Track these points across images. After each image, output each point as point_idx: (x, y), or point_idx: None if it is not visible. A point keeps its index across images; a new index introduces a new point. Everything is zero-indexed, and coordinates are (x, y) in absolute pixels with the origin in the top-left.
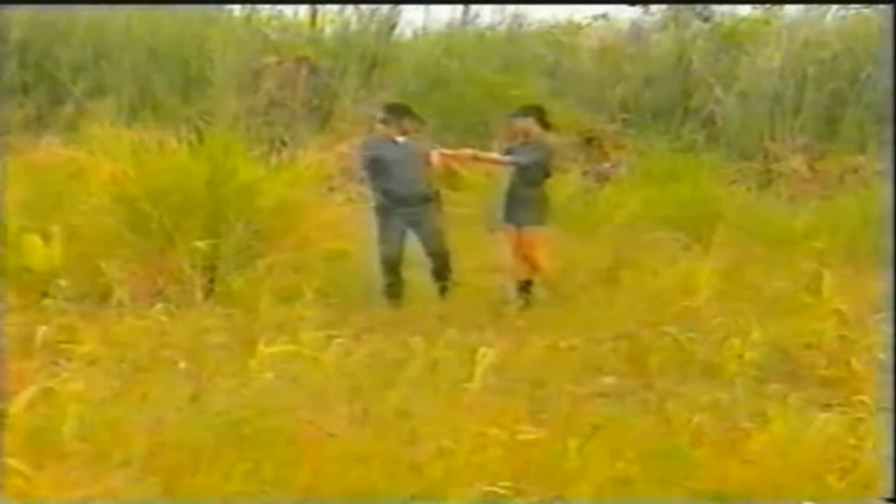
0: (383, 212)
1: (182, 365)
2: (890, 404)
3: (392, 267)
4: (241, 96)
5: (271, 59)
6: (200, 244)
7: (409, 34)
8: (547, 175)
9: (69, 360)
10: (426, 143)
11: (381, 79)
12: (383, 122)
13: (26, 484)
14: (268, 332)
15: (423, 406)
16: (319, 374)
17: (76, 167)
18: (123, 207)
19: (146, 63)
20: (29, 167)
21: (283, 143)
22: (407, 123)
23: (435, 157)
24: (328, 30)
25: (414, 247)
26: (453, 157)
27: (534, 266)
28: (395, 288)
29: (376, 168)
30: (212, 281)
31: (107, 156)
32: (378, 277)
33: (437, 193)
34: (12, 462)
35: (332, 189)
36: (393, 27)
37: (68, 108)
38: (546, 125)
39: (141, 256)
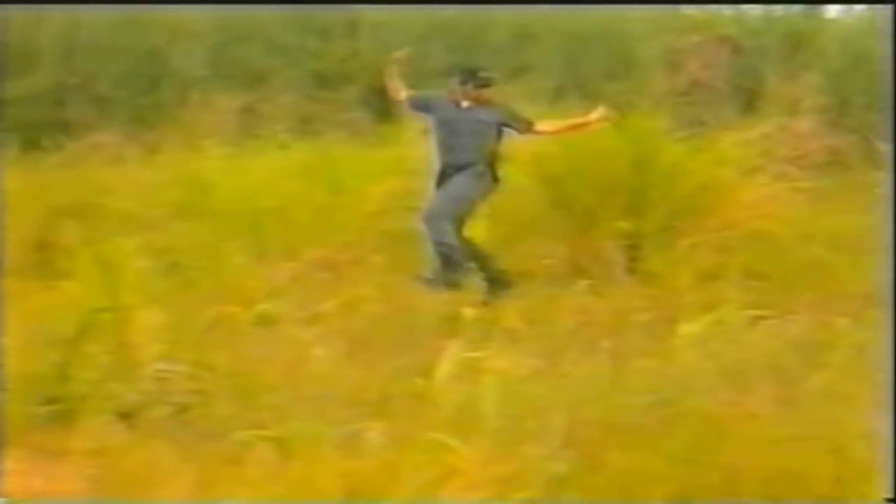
0: (439, 172)
1: (604, 343)
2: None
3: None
4: (664, 76)
5: (694, 38)
6: (623, 224)
7: (833, 12)
8: None
9: (492, 337)
10: (497, 113)
11: (806, 58)
12: (459, 83)
13: (451, 457)
14: (690, 311)
15: (848, 388)
16: (742, 354)
17: None
18: (546, 187)
19: (572, 44)
20: None
21: (705, 124)
22: (472, 90)
23: None
24: (754, 8)
25: None
26: None
27: None
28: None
29: (428, 126)
30: (633, 260)
31: None
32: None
33: (492, 166)
34: (438, 436)
35: (754, 170)
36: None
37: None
38: None
39: (562, 235)
